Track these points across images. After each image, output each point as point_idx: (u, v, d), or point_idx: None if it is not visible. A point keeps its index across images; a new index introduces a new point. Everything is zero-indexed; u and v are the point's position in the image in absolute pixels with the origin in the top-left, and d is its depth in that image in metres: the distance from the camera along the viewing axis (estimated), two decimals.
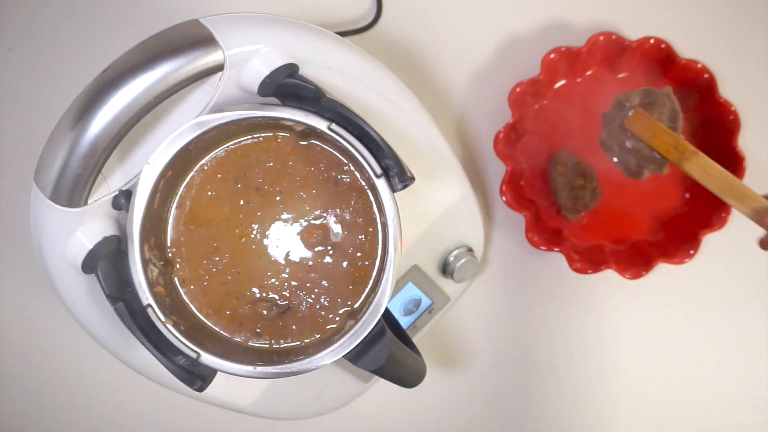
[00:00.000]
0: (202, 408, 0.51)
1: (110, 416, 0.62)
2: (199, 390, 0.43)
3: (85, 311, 0.47)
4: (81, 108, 0.42)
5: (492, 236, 0.62)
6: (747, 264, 0.62)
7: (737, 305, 0.63)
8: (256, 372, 0.42)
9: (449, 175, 0.52)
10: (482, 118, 0.61)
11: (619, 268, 0.58)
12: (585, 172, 0.58)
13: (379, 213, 0.45)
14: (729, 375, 0.63)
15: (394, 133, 0.46)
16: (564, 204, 0.58)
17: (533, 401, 0.63)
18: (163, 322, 0.42)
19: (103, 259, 0.44)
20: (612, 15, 0.61)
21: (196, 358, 0.42)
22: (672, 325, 0.63)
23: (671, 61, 0.57)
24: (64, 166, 0.42)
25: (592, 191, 0.58)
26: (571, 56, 0.57)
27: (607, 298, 0.62)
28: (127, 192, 0.44)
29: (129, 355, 0.48)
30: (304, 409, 0.53)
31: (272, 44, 0.44)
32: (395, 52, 0.61)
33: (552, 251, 0.58)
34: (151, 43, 0.43)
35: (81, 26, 0.60)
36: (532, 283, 0.63)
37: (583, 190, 0.58)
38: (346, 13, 0.61)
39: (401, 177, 0.42)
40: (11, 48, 0.60)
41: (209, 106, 0.44)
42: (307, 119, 0.42)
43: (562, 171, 0.58)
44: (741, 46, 0.62)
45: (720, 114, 0.57)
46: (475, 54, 0.61)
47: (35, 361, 0.61)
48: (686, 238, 0.58)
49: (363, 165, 0.42)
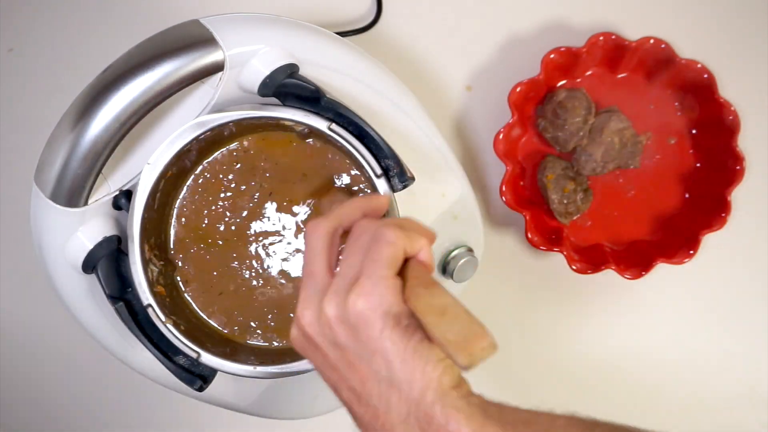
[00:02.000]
0: (202, 408, 0.51)
1: (110, 416, 0.62)
2: (199, 390, 0.43)
3: (85, 311, 0.47)
4: (81, 108, 0.42)
5: (492, 236, 0.62)
6: (747, 264, 0.62)
7: (737, 305, 0.63)
8: (256, 372, 0.42)
9: (449, 175, 0.52)
10: (482, 118, 0.61)
11: (619, 268, 0.58)
12: (575, 176, 0.58)
13: None
14: (729, 374, 0.63)
15: (394, 133, 0.46)
16: (556, 209, 0.58)
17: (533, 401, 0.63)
18: (164, 322, 0.42)
19: (103, 259, 0.44)
20: (612, 15, 0.61)
21: (196, 358, 0.42)
22: (672, 325, 0.63)
23: (671, 61, 0.57)
24: (64, 166, 0.42)
25: (584, 193, 0.58)
26: (571, 56, 0.57)
27: (607, 298, 0.62)
28: (127, 192, 0.44)
29: (129, 355, 0.48)
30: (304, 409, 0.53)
31: (272, 44, 0.45)
32: (395, 52, 0.61)
33: (552, 251, 0.58)
34: (151, 43, 0.43)
35: (81, 26, 0.60)
36: (532, 283, 0.63)
37: (574, 193, 0.58)
38: (346, 13, 0.61)
39: (401, 177, 0.42)
40: (11, 48, 0.60)
41: (209, 106, 0.44)
42: (307, 119, 0.42)
43: (551, 177, 0.58)
44: (741, 46, 0.62)
45: (720, 114, 0.57)
46: (475, 54, 0.61)
47: (35, 361, 0.61)
48: (686, 238, 0.58)
49: (363, 165, 0.42)
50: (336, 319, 0.33)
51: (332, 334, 0.34)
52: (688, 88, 0.59)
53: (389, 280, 0.33)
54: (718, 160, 0.59)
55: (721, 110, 0.57)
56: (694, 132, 0.60)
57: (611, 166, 0.58)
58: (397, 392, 0.32)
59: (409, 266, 0.35)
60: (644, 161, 0.60)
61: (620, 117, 0.58)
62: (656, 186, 0.61)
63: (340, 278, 0.34)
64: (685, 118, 0.60)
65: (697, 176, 0.60)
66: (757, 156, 0.59)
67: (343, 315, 0.33)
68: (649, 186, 0.61)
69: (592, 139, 0.58)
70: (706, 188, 0.59)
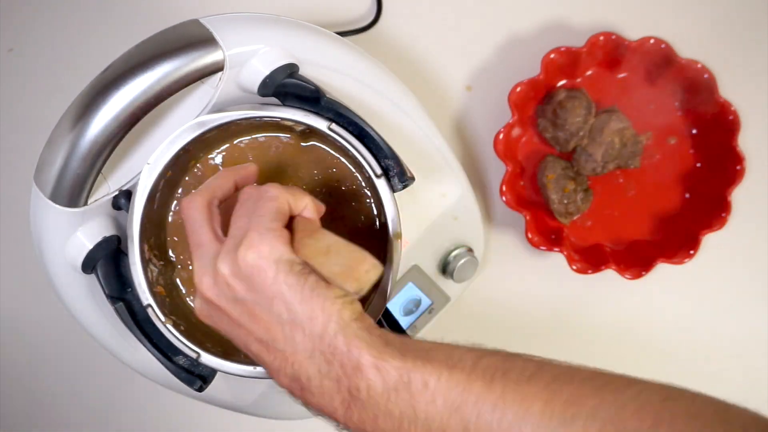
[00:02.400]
0: (202, 408, 0.51)
1: (110, 416, 0.62)
2: (199, 390, 0.43)
3: (85, 311, 0.47)
4: (81, 108, 0.42)
5: (492, 236, 0.62)
6: (747, 264, 0.62)
7: (737, 305, 0.63)
8: (256, 372, 0.42)
9: (449, 175, 0.52)
10: (482, 118, 0.61)
11: (619, 268, 0.58)
12: (575, 176, 0.58)
13: (379, 213, 0.45)
14: (729, 374, 0.63)
15: (394, 133, 0.46)
16: (556, 209, 0.58)
17: None
18: (163, 322, 0.42)
19: (103, 259, 0.44)
20: (612, 15, 0.61)
21: (196, 358, 0.42)
22: (672, 325, 0.63)
23: (671, 61, 0.57)
24: (64, 166, 0.42)
25: (584, 193, 0.58)
26: (571, 56, 0.57)
27: (607, 298, 0.62)
28: (127, 192, 0.44)
29: (129, 355, 0.48)
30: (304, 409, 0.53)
31: (272, 44, 0.44)
32: (395, 52, 0.61)
33: (552, 251, 0.58)
34: (151, 43, 0.43)
35: (81, 26, 0.60)
36: (532, 283, 0.63)
37: (574, 193, 0.58)
38: (346, 13, 0.61)
39: (401, 177, 0.42)
40: (11, 48, 0.60)
41: (209, 106, 0.44)
42: (307, 119, 0.42)
43: (551, 177, 0.58)
44: (741, 46, 0.62)
45: (720, 114, 0.57)
46: (475, 54, 0.61)
47: (35, 361, 0.61)
48: (686, 238, 0.58)
49: (363, 165, 0.42)
50: (231, 276, 0.34)
51: (230, 291, 0.35)
52: (688, 88, 0.59)
53: (276, 231, 0.34)
54: (718, 160, 0.59)
55: (721, 110, 0.57)
56: (694, 132, 0.60)
57: (611, 166, 0.58)
58: (301, 330, 0.34)
59: (295, 222, 0.37)
60: (644, 161, 0.60)
61: (620, 117, 0.58)
62: (656, 186, 0.61)
63: (230, 239, 0.35)
64: (685, 118, 0.60)
65: (697, 176, 0.60)
66: (757, 156, 0.59)
67: (236, 270, 0.34)
68: (649, 186, 0.61)
69: (593, 139, 0.58)
70: (706, 188, 0.59)
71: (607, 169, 0.58)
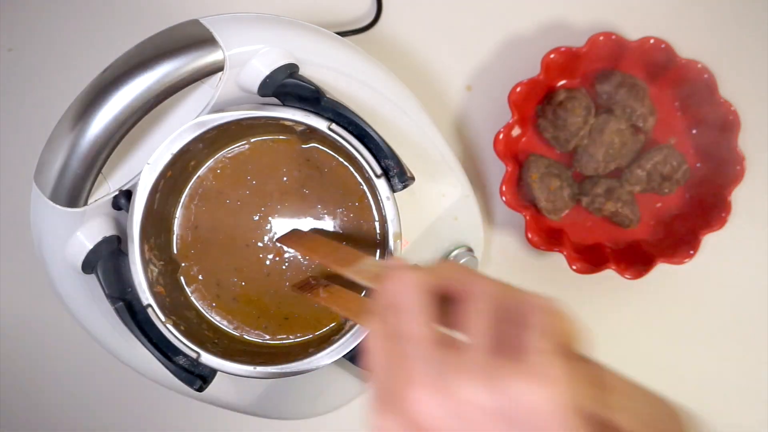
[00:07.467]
0: (202, 408, 0.51)
1: (110, 416, 0.62)
2: (199, 390, 0.43)
3: (85, 311, 0.47)
4: (81, 108, 0.42)
5: (492, 236, 0.62)
6: (747, 264, 0.62)
7: (737, 305, 0.63)
8: (256, 372, 0.42)
9: (449, 175, 0.52)
10: (482, 118, 0.61)
11: (619, 268, 0.58)
12: (560, 173, 0.58)
13: (379, 213, 0.45)
14: (729, 375, 0.63)
15: (394, 133, 0.46)
16: (544, 207, 0.58)
17: None
18: (164, 322, 0.42)
19: (103, 259, 0.44)
20: (612, 15, 0.61)
21: (196, 358, 0.42)
22: (672, 325, 0.63)
23: (671, 61, 0.57)
24: (64, 166, 0.42)
25: (570, 189, 0.58)
26: (571, 56, 0.57)
27: (607, 298, 0.62)
28: (127, 192, 0.44)
29: (129, 355, 0.48)
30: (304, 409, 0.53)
31: (272, 44, 0.45)
32: (395, 52, 0.61)
33: (552, 251, 0.58)
34: (151, 43, 0.43)
35: (81, 26, 0.60)
36: (532, 283, 0.62)
37: (560, 189, 0.58)
38: (346, 13, 0.61)
39: (401, 177, 0.42)
40: (11, 48, 0.60)
41: (209, 106, 0.44)
42: (307, 119, 0.42)
43: (535, 177, 0.58)
44: (741, 46, 0.62)
45: (720, 114, 0.57)
46: (475, 54, 0.61)
47: (35, 361, 0.61)
48: (686, 238, 0.58)
49: (363, 165, 0.42)
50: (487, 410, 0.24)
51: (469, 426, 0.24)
52: (688, 88, 0.59)
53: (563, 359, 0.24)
54: (718, 160, 0.59)
55: (721, 110, 0.57)
56: (694, 132, 0.60)
57: (613, 165, 0.58)
58: None
59: None
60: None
61: (620, 117, 0.58)
62: None
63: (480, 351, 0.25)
64: (685, 118, 0.60)
65: (697, 176, 0.60)
66: (757, 156, 0.59)
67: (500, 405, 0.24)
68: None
69: (593, 140, 0.58)
70: (706, 188, 0.59)
71: (608, 168, 0.58)
